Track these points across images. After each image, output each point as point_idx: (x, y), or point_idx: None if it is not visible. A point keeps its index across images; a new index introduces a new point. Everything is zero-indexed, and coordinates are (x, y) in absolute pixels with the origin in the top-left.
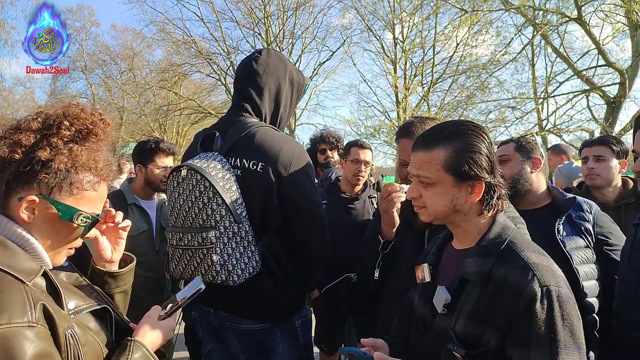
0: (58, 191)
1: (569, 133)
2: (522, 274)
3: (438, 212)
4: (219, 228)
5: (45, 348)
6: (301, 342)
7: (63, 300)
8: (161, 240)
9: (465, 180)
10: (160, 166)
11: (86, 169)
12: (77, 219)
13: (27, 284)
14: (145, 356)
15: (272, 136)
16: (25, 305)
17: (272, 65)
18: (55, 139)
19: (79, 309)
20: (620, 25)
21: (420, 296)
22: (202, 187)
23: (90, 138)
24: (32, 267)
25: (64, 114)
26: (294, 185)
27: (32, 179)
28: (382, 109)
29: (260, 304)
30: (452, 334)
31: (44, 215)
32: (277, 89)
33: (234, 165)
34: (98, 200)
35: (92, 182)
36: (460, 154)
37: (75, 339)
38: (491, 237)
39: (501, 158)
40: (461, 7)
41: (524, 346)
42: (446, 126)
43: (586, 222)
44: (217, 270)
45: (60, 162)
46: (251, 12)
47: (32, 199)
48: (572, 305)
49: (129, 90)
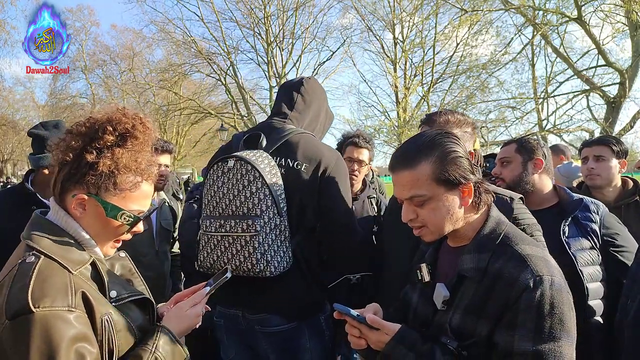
0: (104, 191)
1: (569, 133)
2: (516, 266)
3: (441, 227)
4: (263, 217)
5: (82, 331)
6: (326, 336)
7: (106, 288)
8: (161, 240)
9: (456, 187)
10: None
11: (128, 170)
12: (121, 217)
13: (73, 272)
14: (171, 341)
15: (316, 142)
16: (67, 291)
17: (318, 91)
18: (100, 143)
19: (120, 297)
20: (620, 25)
21: (421, 296)
22: (251, 177)
23: (131, 140)
24: (82, 258)
25: (108, 119)
26: (329, 189)
27: (82, 179)
28: (382, 109)
29: (289, 303)
30: (447, 327)
31: (93, 212)
32: (318, 111)
33: (278, 164)
34: (142, 198)
35: (134, 182)
36: (444, 163)
37: (110, 324)
38: (486, 233)
39: (502, 160)
40: (461, 7)
41: (509, 330)
42: (418, 140)
43: (592, 223)
44: (258, 258)
45: (104, 165)
46: (251, 12)
47: (82, 197)
48: (565, 295)
49: (129, 90)
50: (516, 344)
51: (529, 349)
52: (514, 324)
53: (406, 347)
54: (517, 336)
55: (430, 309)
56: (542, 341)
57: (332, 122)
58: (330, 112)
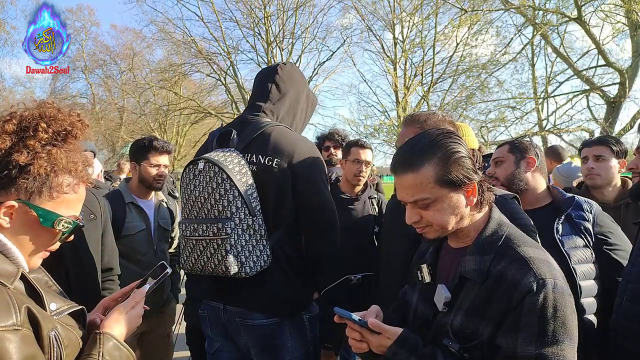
0: (38, 196)
1: (569, 133)
2: (518, 268)
3: (445, 226)
4: (234, 219)
5: (31, 351)
6: (309, 337)
7: (45, 302)
8: (159, 240)
9: (460, 187)
10: (153, 164)
11: (66, 171)
12: (59, 224)
13: (8, 287)
14: (117, 346)
15: (288, 135)
16: (9, 308)
17: (295, 77)
18: (32, 142)
19: (60, 310)
20: (620, 25)
21: (421, 296)
22: (219, 179)
23: (69, 140)
24: (11, 269)
25: (40, 115)
26: (305, 182)
27: (10, 183)
28: (382, 109)
29: (269, 299)
30: (449, 329)
31: (23, 220)
32: (296, 98)
33: (249, 161)
34: (77, 202)
35: (72, 185)
36: (447, 164)
37: (58, 341)
38: (488, 234)
39: (496, 160)
40: (461, 7)
41: (512, 333)
42: (420, 141)
43: (586, 222)
44: (230, 261)
45: (39, 166)
46: (251, 12)
47: (11, 204)
48: (567, 298)
49: (129, 90)
50: (519, 347)
51: (532, 352)
52: (517, 327)
53: (408, 350)
54: (520, 339)
55: (430, 310)
56: (545, 344)
57: (315, 106)
58: (313, 97)
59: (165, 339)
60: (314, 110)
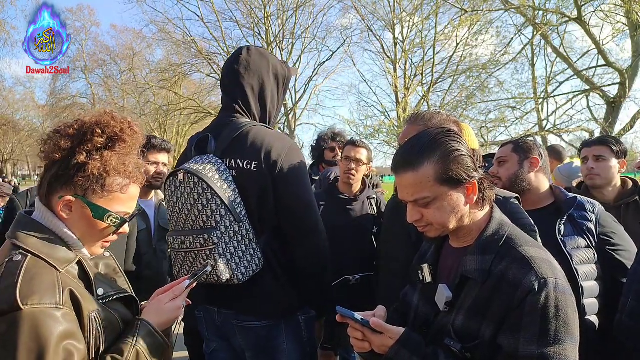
0: (91, 193)
1: (569, 133)
2: (520, 268)
3: (446, 225)
4: (220, 228)
5: (70, 328)
6: (305, 338)
7: (93, 287)
8: (159, 239)
9: (460, 185)
10: (151, 161)
11: (116, 172)
12: (108, 219)
13: (60, 271)
14: (151, 333)
15: (264, 135)
16: (55, 289)
17: (253, 64)
18: (89, 145)
19: (107, 295)
20: (620, 25)
21: (422, 296)
22: (200, 190)
23: (120, 144)
24: (68, 256)
25: (97, 122)
26: (283, 183)
27: (70, 180)
28: (382, 109)
29: (263, 302)
30: (451, 329)
31: (80, 213)
32: (260, 87)
33: (229, 166)
34: (129, 200)
35: (121, 185)
36: (447, 162)
37: (98, 321)
38: (489, 234)
39: (499, 160)
40: (461, 7)
41: (514, 333)
42: (420, 140)
43: (588, 222)
44: (221, 269)
45: (93, 167)
46: (251, 12)
47: (69, 198)
48: (569, 297)
49: (129, 90)
50: (521, 347)
51: (534, 352)
52: (519, 326)
53: (410, 350)
54: (522, 339)
55: (431, 310)
56: (547, 344)
57: (289, 78)
58: (283, 69)
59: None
60: (288, 84)
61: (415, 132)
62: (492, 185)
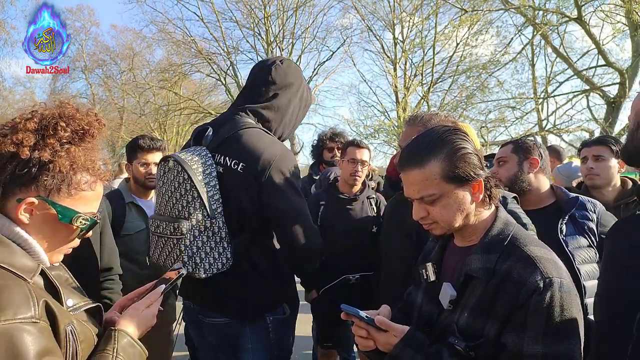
0: (56, 192)
1: (569, 133)
2: (524, 267)
3: (451, 223)
4: (191, 220)
5: (48, 344)
6: (272, 340)
7: (62, 298)
8: None
9: (466, 183)
10: (142, 162)
11: (84, 169)
12: (77, 221)
13: (28, 281)
14: (130, 343)
15: (258, 138)
16: (29, 301)
17: (290, 77)
18: (52, 140)
19: (77, 307)
20: (620, 25)
21: (426, 295)
22: (181, 179)
23: (87, 138)
24: (31, 265)
25: (60, 114)
26: (272, 190)
27: (31, 180)
28: (382, 109)
29: (225, 300)
30: (455, 327)
31: (43, 217)
32: (288, 100)
33: (217, 162)
34: (95, 199)
35: (89, 183)
36: (453, 160)
37: (74, 335)
38: (494, 234)
39: (499, 160)
40: (461, 7)
41: (518, 332)
42: (426, 138)
43: (590, 222)
44: (185, 261)
45: (60, 164)
46: (251, 12)
47: (31, 200)
48: (574, 297)
49: (129, 90)
50: (525, 346)
51: (539, 351)
52: (523, 326)
53: (414, 349)
54: (526, 338)
55: (435, 308)
56: (552, 344)
57: (309, 106)
58: (308, 96)
59: (166, 336)
60: (307, 110)
61: (415, 134)
62: (499, 184)
